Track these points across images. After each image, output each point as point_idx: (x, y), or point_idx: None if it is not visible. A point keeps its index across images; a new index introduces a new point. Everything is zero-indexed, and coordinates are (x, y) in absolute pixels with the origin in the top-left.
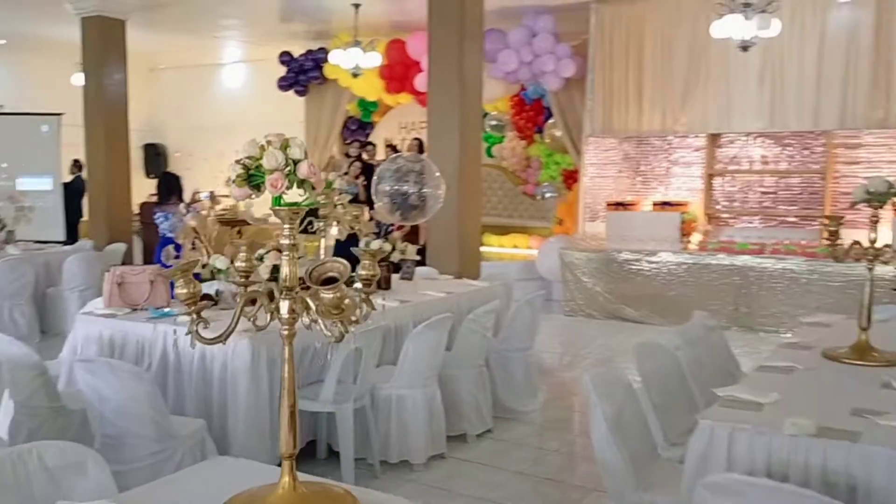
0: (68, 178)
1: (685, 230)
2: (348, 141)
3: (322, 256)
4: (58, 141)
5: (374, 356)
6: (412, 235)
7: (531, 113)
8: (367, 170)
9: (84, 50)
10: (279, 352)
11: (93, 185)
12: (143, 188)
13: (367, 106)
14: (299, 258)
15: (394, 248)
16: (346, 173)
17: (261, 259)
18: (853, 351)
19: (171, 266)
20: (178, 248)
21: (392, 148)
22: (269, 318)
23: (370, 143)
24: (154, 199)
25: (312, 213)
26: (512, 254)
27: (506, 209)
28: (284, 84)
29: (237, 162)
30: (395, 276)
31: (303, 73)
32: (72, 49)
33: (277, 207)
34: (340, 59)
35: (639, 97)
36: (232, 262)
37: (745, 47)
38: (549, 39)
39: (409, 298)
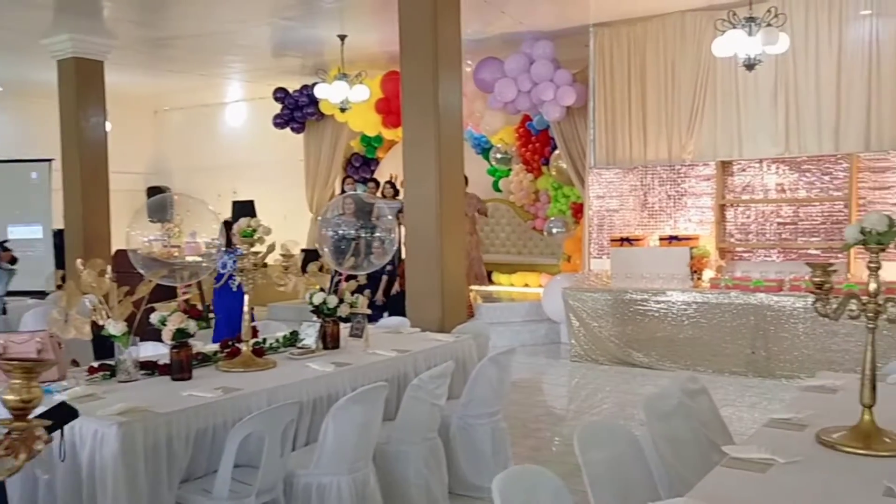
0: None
1: (695, 266)
2: (348, 179)
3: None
4: (48, 187)
5: (284, 439)
6: (403, 280)
7: (537, 144)
8: None
9: (60, 92)
10: (163, 437)
11: (69, 232)
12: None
13: (370, 141)
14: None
15: (341, 301)
16: (342, 213)
17: (163, 322)
18: (854, 435)
19: None
20: None
21: (390, 185)
22: None
23: (372, 180)
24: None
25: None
26: (524, 294)
27: (514, 246)
28: (280, 121)
29: None
30: (345, 333)
31: (298, 109)
32: None
33: None
34: (327, 94)
35: (643, 124)
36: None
37: (749, 66)
38: (548, 66)
39: (349, 361)
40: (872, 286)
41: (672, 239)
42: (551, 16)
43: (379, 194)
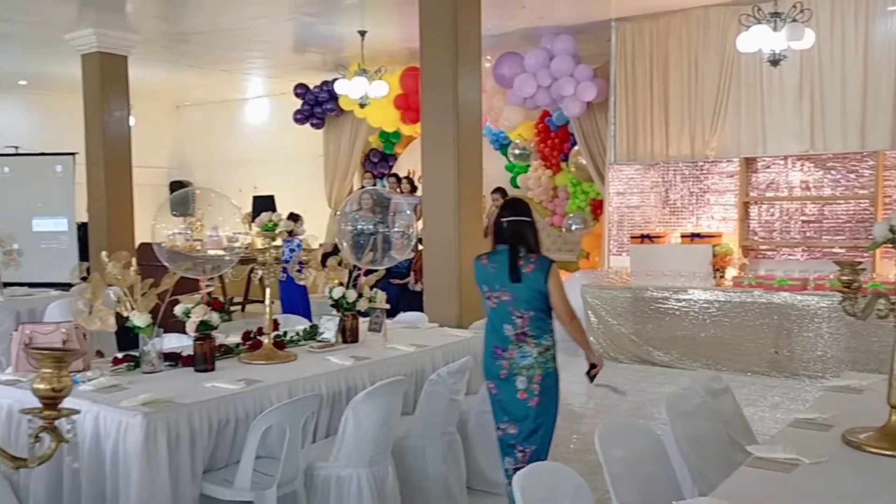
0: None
1: (718, 264)
2: (367, 174)
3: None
4: (72, 181)
5: (304, 431)
6: (418, 275)
7: (556, 140)
8: None
9: (84, 87)
10: (185, 427)
11: (93, 225)
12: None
13: (388, 137)
14: None
15: (360, 296)
16: (360, 208)
17: (187, 314)
18: (881, 436)
19: None
20: None
21: (407, 180)
22: None
23: (392, 176)
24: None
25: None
26: None
27: None
28: (300, 117)
29: None
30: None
31: (318, 104)
32: None
33: None
34: (347, 90)
35: (665, 120)
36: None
37: (774, 61)
38: (569, 61)
39: (368, 355)
40: None
41: (694, 236)
42: (572, 10)
43: (398, 190)
